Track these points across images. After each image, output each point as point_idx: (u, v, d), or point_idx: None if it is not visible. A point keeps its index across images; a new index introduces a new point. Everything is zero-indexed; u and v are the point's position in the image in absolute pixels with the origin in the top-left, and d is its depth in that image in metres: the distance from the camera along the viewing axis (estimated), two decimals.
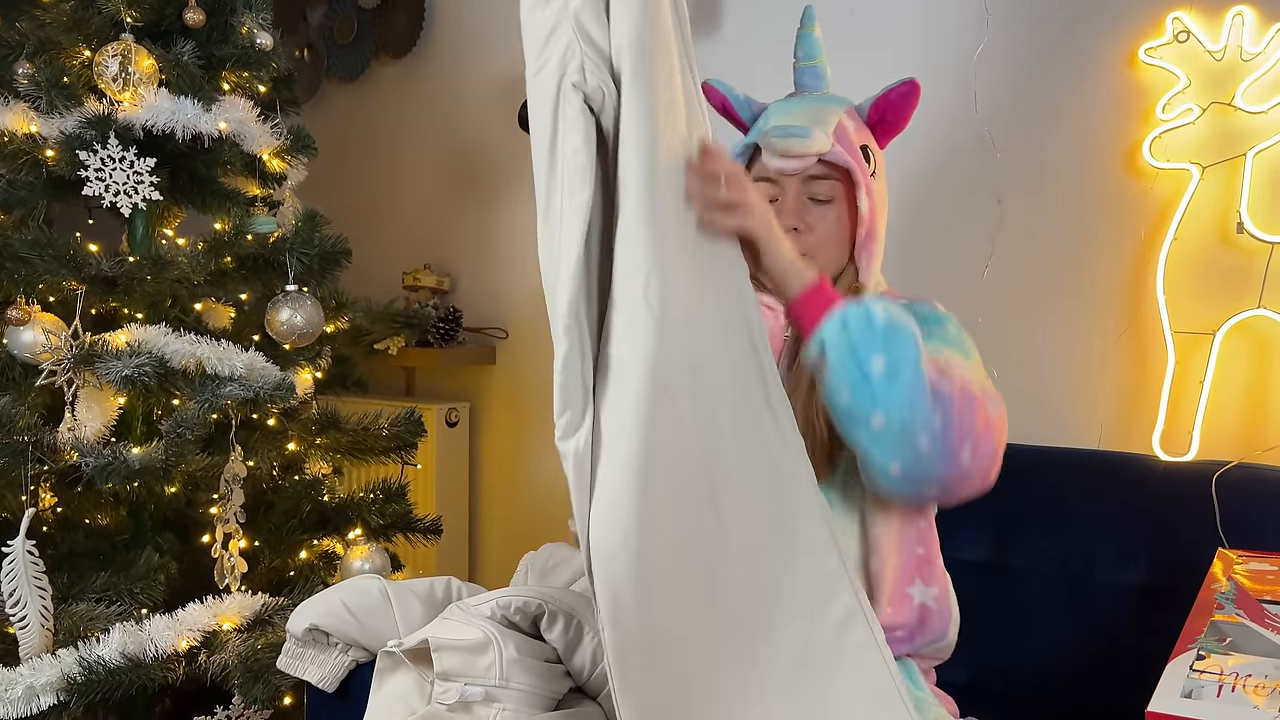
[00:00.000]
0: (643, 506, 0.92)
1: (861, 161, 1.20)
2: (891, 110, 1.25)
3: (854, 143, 1.21)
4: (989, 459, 1.04)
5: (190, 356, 1.71)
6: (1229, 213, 1.60)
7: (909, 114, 1.26)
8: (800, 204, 1.21)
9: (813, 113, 1.22)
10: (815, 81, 1.29)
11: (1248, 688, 0.85)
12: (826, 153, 1.18)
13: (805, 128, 1.18)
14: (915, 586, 1.17)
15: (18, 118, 1.76)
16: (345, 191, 2.94)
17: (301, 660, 1.25)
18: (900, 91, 1.24)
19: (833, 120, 1.21)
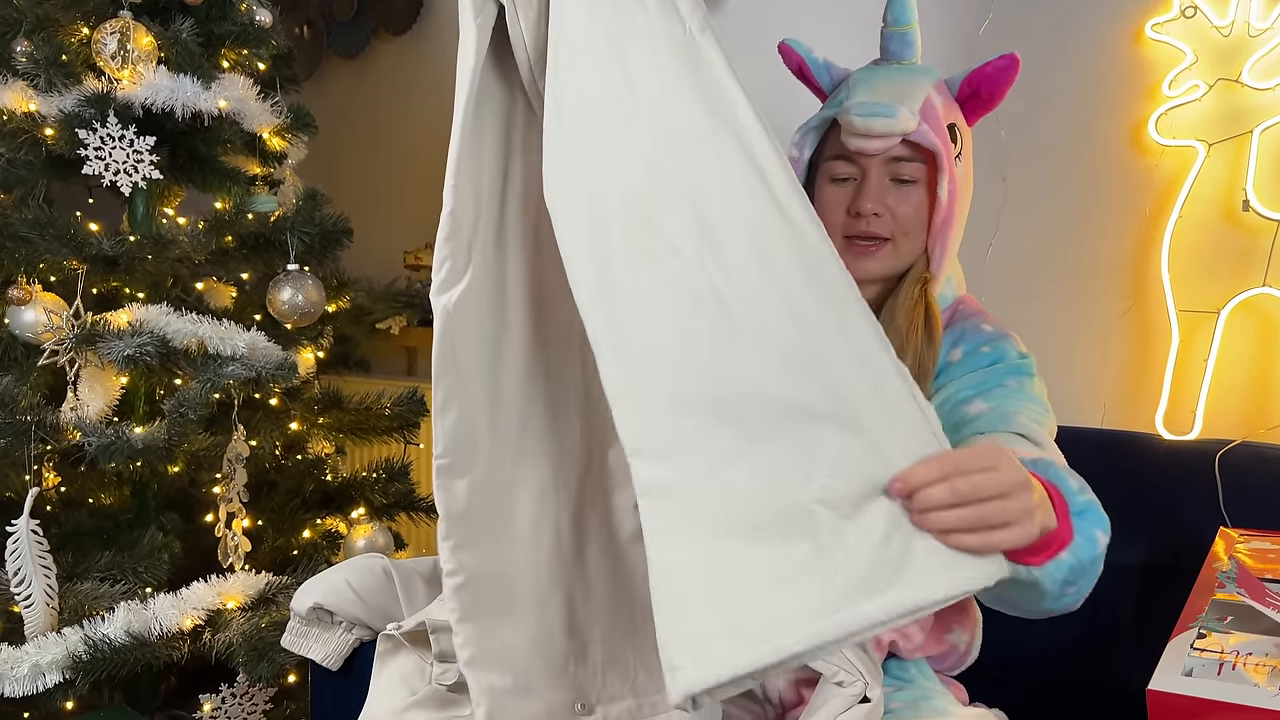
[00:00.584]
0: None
1: (948, 142, 1.13)
2: (987, 85, 1.16)
3: (941, 121, 1.13)
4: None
5: (192, 336, 1.71)
6: (1235, 190, 1.59)
7: (1005, 90, 1.17)
8: (882, 186, 1.13)
9: (900, 87, 1.13)
10: (904, 49, 1.19)
11: (1248, 666, 0.85)
12: (912, 133, 1.10)
13: (891, 105, 1.10)
14: (953, 633, 1.19)
15: (16, 96, 1.75)
16: (346, 170, 2.93)
17: (306, 639, 1.26)
18: (998, 65, 1.15)
19: (920, 96, 1.12)
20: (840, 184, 1.16)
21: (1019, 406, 1.09)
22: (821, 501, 0.80)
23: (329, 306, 1.98)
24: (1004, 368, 1.13)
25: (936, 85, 1.16)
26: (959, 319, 1.20)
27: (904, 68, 1.18)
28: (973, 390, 1.11)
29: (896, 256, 1.15)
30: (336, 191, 2.11)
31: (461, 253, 1.06)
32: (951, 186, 1.13)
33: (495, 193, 1.11)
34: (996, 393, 1.11)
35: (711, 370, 0.87)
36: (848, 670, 1.03)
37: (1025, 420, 1.07)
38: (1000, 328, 1.19)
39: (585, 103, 0.93)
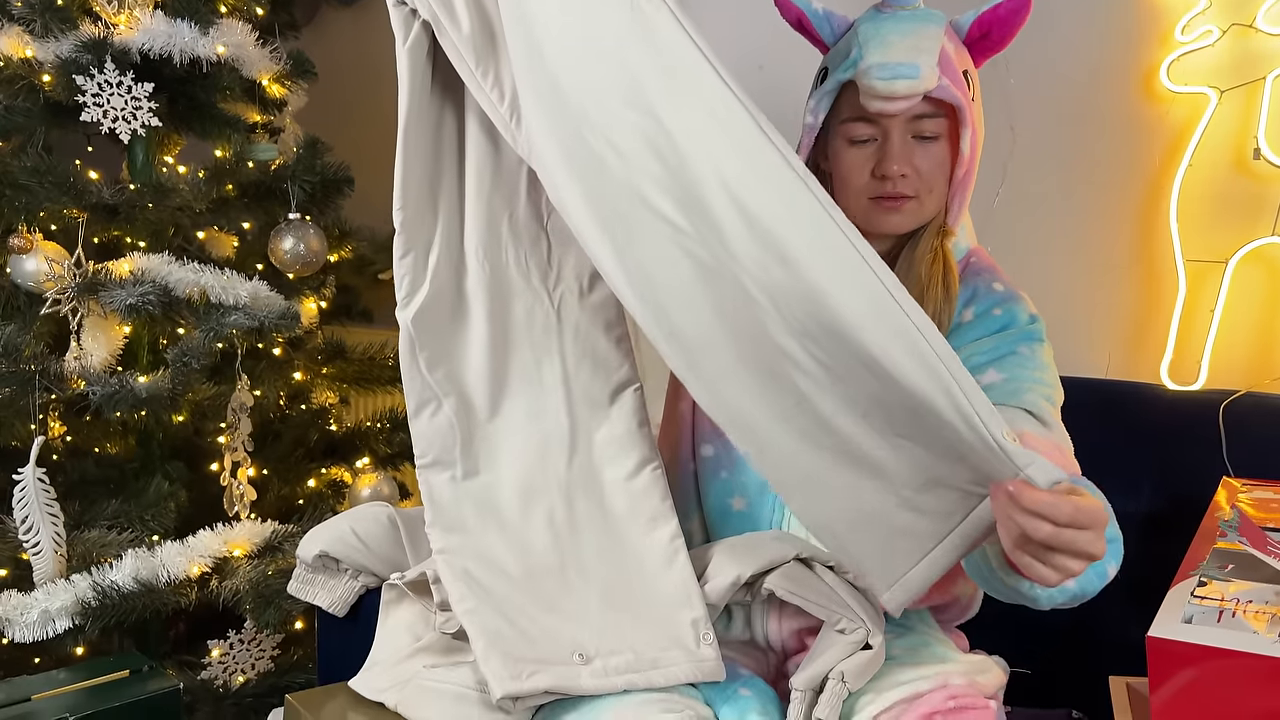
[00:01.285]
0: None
1: (967, 92, 1.10)
2: (999, 27, 1.13)
3: (957, 70, 1.10)
4: None
5: (194, 285, 1.71)
6: (1246, 138, 1.57)
7: (1015, 32, 1.14)
8: (906, 146, 1.11)
9: (914, 39, 1.09)
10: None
11: (1248, 613, 0.86)
12: (934, 89, 1.08)
13: (912, 64, 1.06)
14: (958, 585, 1.20)
15: (12, 42, 1.73)
16: (346, 118, 2.89)
17: (312, 585, 1.27)
18: (1010, 7, 1.11)
19: (936, 47, 1.09)
20: (861, 145, 1.13)
21: (1031, 380, 1.10)
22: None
23: (331, 256, 1.97)
24: (1016, 333, 1.13)
25: (947, 32, 1.12)
26: (971, 274, 1.19)
27: (912, 14, 1.13)
28: (986, 357, 1.11)
29: (921, 211, 1.15)
30: (337, 139, 2.08)
31: (420, 268, 1.12)
32: (973, 138, 1.11)
33: (454, 202, 1.14)
34: (1009, 361, 1.11)
35: (750, 338, 0.91)
36: (849, 618, 1.04)
37: (1035, 398, 1.09)
38: (1010, 286, 1.18)
39: (561, 102, 0.95)
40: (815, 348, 0.88)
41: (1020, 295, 1.17)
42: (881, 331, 0.85)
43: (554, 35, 0.94)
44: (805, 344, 0.88)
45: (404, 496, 2.09)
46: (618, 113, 0.91)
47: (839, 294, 0.86)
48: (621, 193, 0.92)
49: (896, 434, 0.88)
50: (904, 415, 0.87)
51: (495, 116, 1.06)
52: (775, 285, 0.88)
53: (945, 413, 0.84)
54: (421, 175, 1.12)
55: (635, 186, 0.91)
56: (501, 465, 1.17)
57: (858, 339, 0.86)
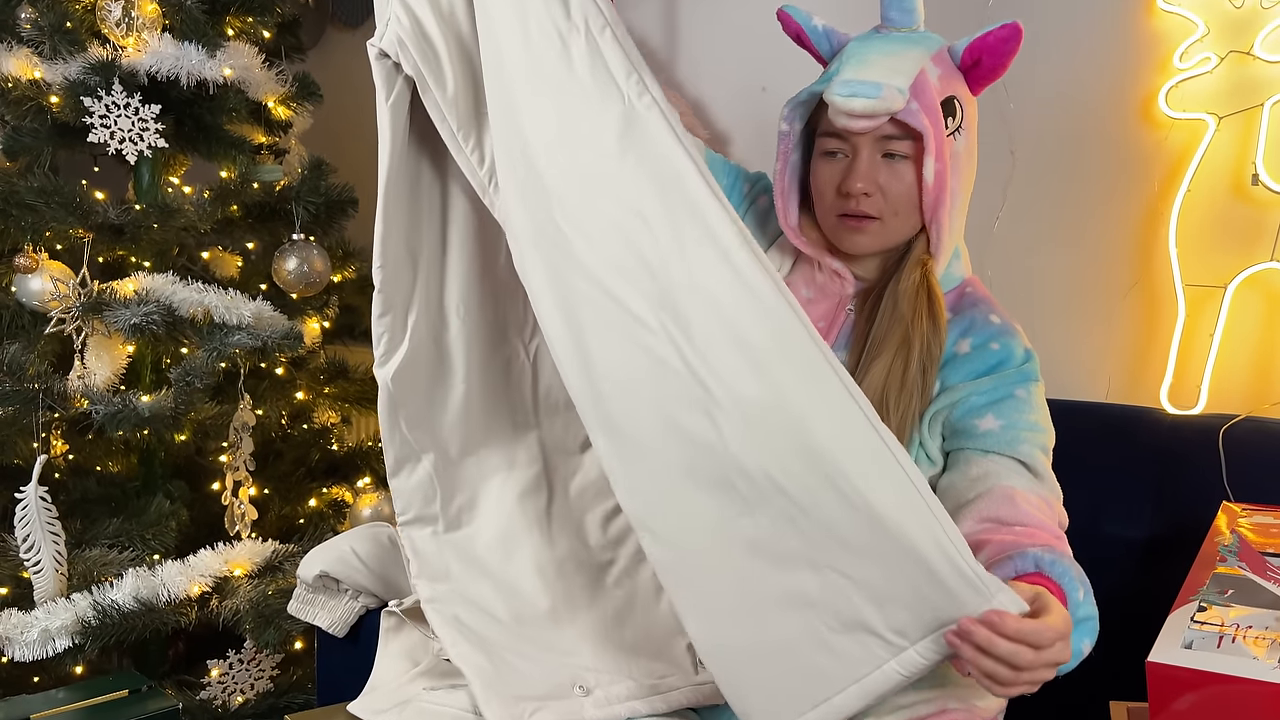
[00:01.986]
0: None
1: (938, 121, 1.09)
2: (989, 55, 1.11)
3: (935, 97, 1.09)
4: None
5: (198, 305, 1.72)
6: (1244, 164, 1.58)
7: (1008, 61, 1.12)
8: (872, 164, 1.11)
9: (892, 60, 1.09)
10: (903, 16, 1.14)
11: (1248, 639, 0.86)
12: (899, 111, 1.07)
13: (876, 83, 1.06)
14: None
15: (21, 63, 1.74)
16: (351, 139, 2.91)
17: (312, 606, 1.27)
18: (1000, 35, 1.10)
19: (912, 70, 1.08)
20: (832, 159, 1.14)
21: (1027, 427, 1.10)
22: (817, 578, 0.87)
23: (334, 276, 1.98)
24: (1014, 374, 1.12)
25: (935, 55, 1.11)
26: (967, 305, 1.18)
27: (902, 37, 1.13)
28: (984, 398, 1.11)
29: (886, 233, 1.14)
30: (341, 161, 2.10)
31: (398, 327, 1.11)
32: (939, 166, 1.09)
33: (434, 257, 1.14)
34: (1007, 406, 1.11)
35: (696, 445, 0.89)
36: None
37: (1030, 448, 1.10)
38: (1006, 319, 1.17)
39: (537, 182, 0.95)
40: (777, 466, 0.86)
41: (1016, 329, 1.17)
42: (863, 462, 0.85)
43: (537, 117, 0.95)
44: (766, 460, 0.87)
45: None
46: (595, 203, 0.92)
47: (820, 418, 0.86)
48: (583, 277, 0.92)
49: (839, 565, 0.86)
50: (862, 545, 0.85)
51: (474, 180, 1.05)
52: (748, 398, 0.87)
53: (923, 547, 0.83)
54: (400, 231, 1.11)
55: (599, 275, 0.91)
56: (481, 515, 1.18)
57: (834, 465, 0.85)
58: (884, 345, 1.10)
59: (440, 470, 1.16)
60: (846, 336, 1.17)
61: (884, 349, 1.10)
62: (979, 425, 1.10)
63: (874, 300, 1.15)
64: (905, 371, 1.09)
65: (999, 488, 1.06)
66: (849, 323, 1.17)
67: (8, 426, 1.65)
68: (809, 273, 1.21)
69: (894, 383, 1.09)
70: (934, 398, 1.12)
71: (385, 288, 1.10)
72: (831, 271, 1.18)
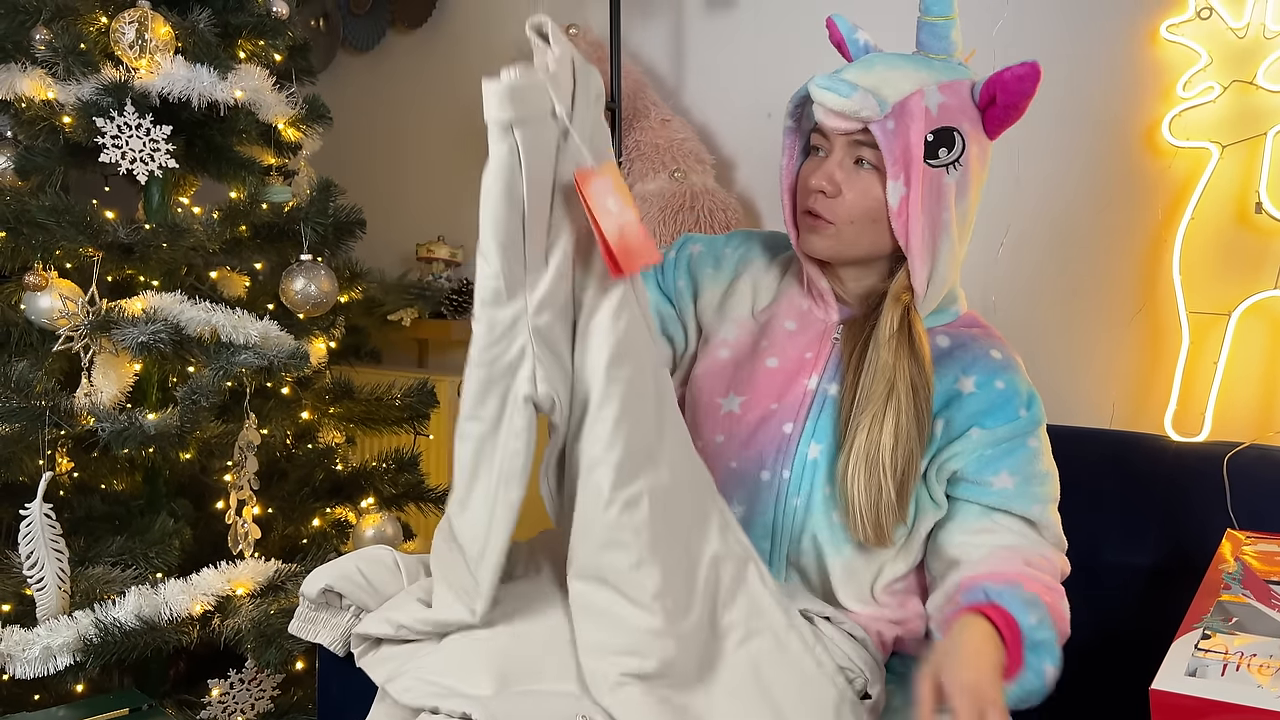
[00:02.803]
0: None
1: (914, 145, 1.06)
2: (1005, 93, 1.09)
3: (925, 122, 1.06)
4: None
5: (205, 324, 1.72)
6: (1248, 193, 1.59)
7: (1025, 100, 1.10)
8: (840, 166, 1.10)
9: (891, 73, 1.08)
10: (934, 42, 1.12)
11: (1252, 667, 0.86)
12: (872, 122, 1.05)
13: (853, 85, 1.05)
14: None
15: (35, 84, 1.76)
16: (359, 162, 2.93)
17: (314, 624, 1.26)
18: (1016, 74, 1.07)
19: (908, 88, 1.06)
20: (815, 156, 1.15)
21: (1039, 479, 1.12)
22: None
23: (341, 297, 1.99)
24: (1026, 422, 1.12)
25: (949, 85, 1.09)
26: (966, 340, 1.17)
27: (922, 59, 1.12)
28: (998, 451, 1.11)
29: (841, 241, 1.13)
30: (349, 183, 2.11)
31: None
32: (908, 191, 1.06)
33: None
34: (1020, 459, 1.12)
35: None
36: (851, 670, 1.04)
37: (1041, 507, 1.11)
38: (1006, 351, 1.17)
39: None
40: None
41: (1016, 363, 1.16)
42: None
43: None
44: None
45: (408, 537, 2.09)
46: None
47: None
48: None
49: None
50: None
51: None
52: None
53: None
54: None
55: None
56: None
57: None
58: (870, 399, 1.09)
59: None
60: (835, 367, 1.16)
61: (870, 403, 1.09)
62: (993, 482, 1.11)
63: (860, 338, 1.15)
64: (896, 425, 1.08)
65: (998, 551, 1.08)
66: (835, 352, 1.17)
67: (14, 443, 1.66)
68: (794, 299, 1.21)
69: (886, 440, 1.07)
70: (936, 439, 1.11)
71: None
72: (818, 294, 1.18)
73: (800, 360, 1.17)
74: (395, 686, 1.05)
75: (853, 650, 1.07)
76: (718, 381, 1.20)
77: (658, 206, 2.08)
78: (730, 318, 1.23)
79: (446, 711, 0.97)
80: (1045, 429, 1.15)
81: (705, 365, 1.22)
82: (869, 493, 1.07)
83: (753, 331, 1.21)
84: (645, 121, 2.20)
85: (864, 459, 1.07)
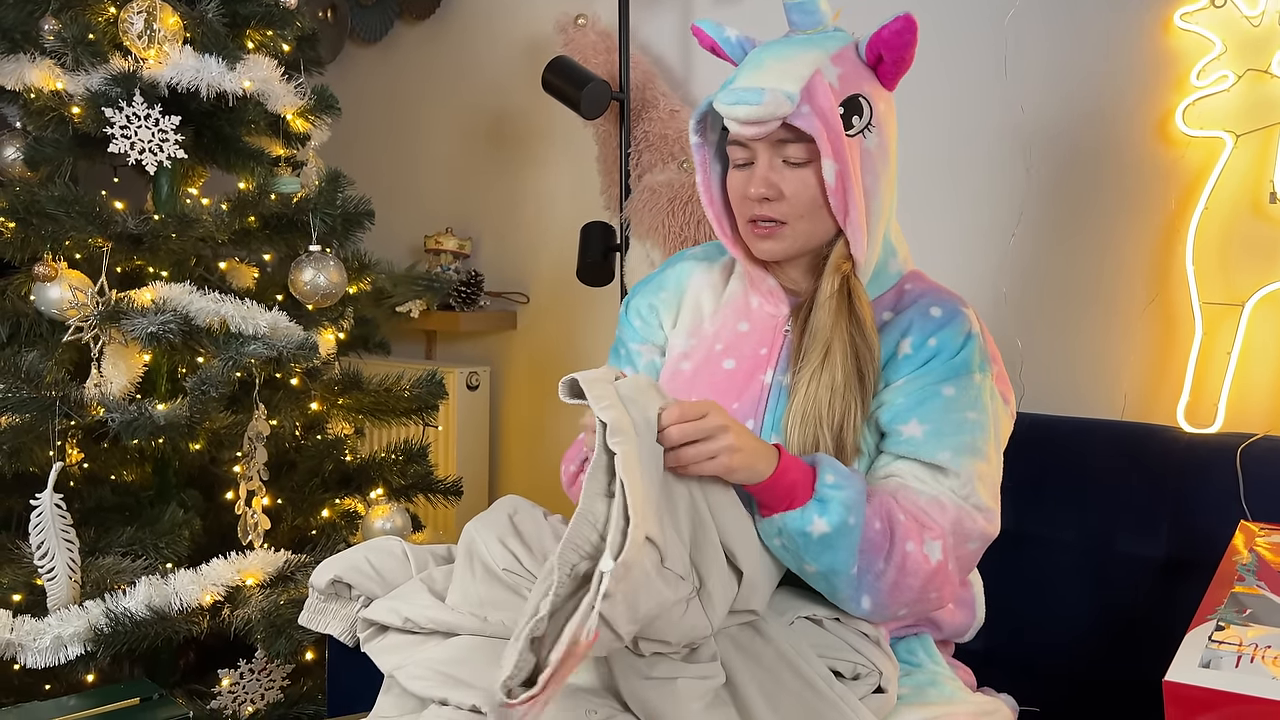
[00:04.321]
0: None
1: (833, 122, 1.08)
2: (889, 50, 1.11)
3: (832, 97, 1.08)
4: (936, 606, 1.09)
5: (214, 315, 1.73)
6: (1262, 182, 1.57)
7: (909, 52, 1.11)
8: (770, 169, 1.11)
9: (784, 64, 1.09)
10: (807, 18, 1.14)
11: (1267, 659, 0.85)
12: (788, 116, 1.06)
13: (759, 90, 1.06)
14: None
15: (44, 74, 1.76)
16: (368, 153, 2.93)
17: (324, 615, 1.27)
18: (893, 29, 1.09)
19: (806, 72, 1.08)
20: (740, 168, 1.14)
21: (953, 430, 1.09)
22: None
23: (350, 288, 1.99)
24: (941, 370, 1.11)
25: (837, 55, 1.11)
26: (907, 303, 1.17)
27: (804, 39, 1.13)
28: (909, 403, 1.10)
29: (797, 237, 1.14)
30: (358, 174, 2.11)
31: None
32: (840, 167, 1.08)
33: None
34: (931, 409, 1.10)
35: None
36: (864, 666, 1.05)
37: (952, 453, 1.08)
38: (951, 302, 1.16)
39: None
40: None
41: (960, 313, 1.15)
42: None
43: None
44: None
45: (417, 528, 2.10)
46: None
47: None
48: None
49: None
50: None
51: None
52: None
53: None
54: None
55: None
56: None
57: None
58: (808, 358, 1.11)
59: None
60: (786, 358, 1.17)
61: (807, 362, 1.11)
62: (902, 431, 1.10)
63: (806, 312, 1.16)
64: (833, 380, 1.09)
65: (885, 487, 1.08)
66: (787, 343, 1.18)
67: (24, 434, 1.66)
68: (742, 302, 1.23)
69: (823, 394, 1.09)
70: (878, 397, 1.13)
71: None
72: (767, 291, 1.19)
73: (756, 357, 1.19)
74: (404, 674, 1.05)
75: (864, 646, 1.08)
76: (682, 395, 1.20)
77: (666, 198, 2.07)
78: (686, 332, 1.25)
79: (455, 703, 0.98)
80: (979, 379, 1.12)
81: (668, 379, 1.24)
82: (805, 445, 1.09)
83: (708, 339, 1.23)
84: (654, 112, 2.19)
85: (800, 413, 1.10)
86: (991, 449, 1.11)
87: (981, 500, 1.09)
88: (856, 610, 1.06)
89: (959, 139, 1.88)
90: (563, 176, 2.56)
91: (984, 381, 1.12)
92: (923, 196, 1.91)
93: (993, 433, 1.12)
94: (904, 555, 1.03)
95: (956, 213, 1.89)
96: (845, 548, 1.01)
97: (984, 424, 1.11)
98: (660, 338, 1.29)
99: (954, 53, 1.86)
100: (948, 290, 1.19)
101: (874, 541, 1.02)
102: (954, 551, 1.07)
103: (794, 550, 1.02)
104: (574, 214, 2.43)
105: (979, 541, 1.10)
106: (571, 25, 2.30)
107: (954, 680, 1.15)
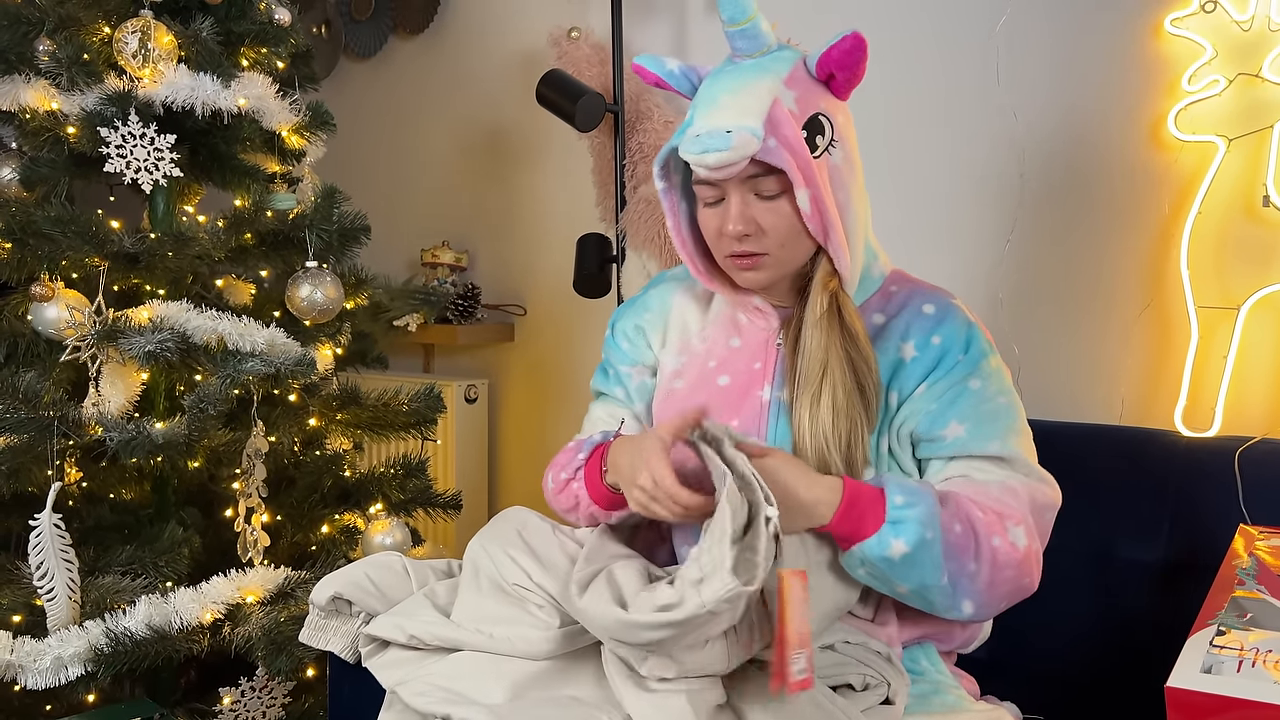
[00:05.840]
0: None
1: (800, 150, 1.07)
2: (840, 68, 1.10)
3: (794, 125, 1.07)
4: (1029, 592, 1.11)
5: (212, 332, 1.72)
6: (1255, 186, 1.58)
7: (860, 68, 1.10)
8: (744, 206, 1.09)
9: (740, 99, 1.08)
10: (750, 43, 1.12)
11: (1268, 663, 0.85)
12: (756, 153, 1.05)
13: (724, 134, 1.05)
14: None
15: (39, 95, 1.77)
16: (364, 169, 2.94)
17: (324, 631, 1.26)
18: (842, 48, 1.08)
19: (764, 104, 1.06)
20: (712, 206, 1.13)
21: (990, 419, 1.12)
22: None
23: (347, 303, 1.99)
24: (961, 366, 1.13)
25: (789, 77, 1.09)
26: (897, 305, 1.17)
27: (752, 65, 1.11)
28: (941, 406, 1.12)
29: (781, 264, 1.14)
30: (354, 190, 2.12)
31: None
32: (814, 192, 1.07)
33: None
34: (965, 405, 1.12)
35: None
36: (874, 678, 1.05)
37: (1001, 442, 1.11)
38: (940, 300, 1.17)
39: None
40: None
41: (952, 306, 1.16)
42: None
43: None
44: None
45: (416, 543, 2.09)
46: None
47: None
48: None
49: None
50: None
51: None
52: None
53: None
54: None
55: None
56: None
57: None
58: (806, 382, 1.11)
59: None
60: (781, 373, 1.17)
61: (806, 386, 1.11)
62: (945, 435, 1.12)
63: (795, 330, 1.16)
64: (834, 399, 1.09)
65: (954, 487, 1.09)
66: (780, 356, 1.18)
67: (22, 454, 1.66)
68: (729, 320, 1.23)
69: (826, 416, 1.09)
70: (895, 411, 1.13)
71: None
72: (754, 309, 1.20)
73: (750, 372, 1.19)
74: (407, 690, 1.05)
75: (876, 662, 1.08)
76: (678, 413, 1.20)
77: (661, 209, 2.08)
78: (675, 350, 1.26)
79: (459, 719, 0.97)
80: (990, 362, 1.14)
81: (663, 399, 1.24)
82: (818, 469, 1.09)
83: (699, 356, 1.23)
84: (649, 124, 2.20)
85: (808, 444, 1.10)
86: (1024, 421, 1.15)
87: (1040, 472, 1.14)
88: (960, 617, 1.07)
89: (953, 146, 1.89)
90: (558, 189, 2.56)
91: (998, 363, 1.16)
92: (918, 204, 1.91)
93: (1019, 406, 1.16)
94: (993, 550, 1.05)
95: (952, 219, 1.89)
96: (929, 562, 1.02)
97: (1013, 402, 1.15)
98: (649, 358, 1.29)
99: (947, 61, 1.87)
100: (931, 285, 1.21)
101: (959, 545, 1.03)
102: (1036, 530, 1.10)
103: (881, 576, 1.04)
104: (570, 226, 2.43)
105: (1052, 511, 1.14)
106: (565, 38, 2.30)
107: (957, 689, 1.14)
